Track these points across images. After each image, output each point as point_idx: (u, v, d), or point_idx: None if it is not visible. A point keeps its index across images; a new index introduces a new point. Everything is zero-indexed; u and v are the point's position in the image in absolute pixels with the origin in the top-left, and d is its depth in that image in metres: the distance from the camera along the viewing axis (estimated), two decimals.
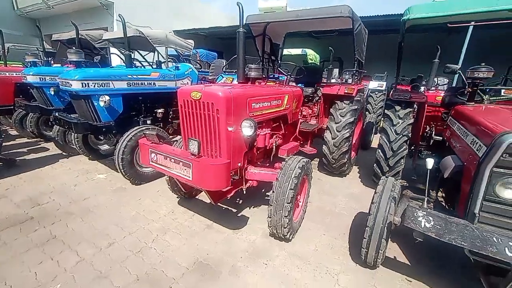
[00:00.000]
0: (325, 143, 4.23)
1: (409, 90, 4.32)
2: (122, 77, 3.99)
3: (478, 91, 2.77)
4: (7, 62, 6.05)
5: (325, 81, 5.36)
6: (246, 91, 2.66)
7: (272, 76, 5.52)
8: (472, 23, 4.50)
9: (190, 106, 2.51)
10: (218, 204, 3.49)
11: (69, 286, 2.11)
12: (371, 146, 6.52)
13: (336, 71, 7.60)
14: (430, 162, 1.90)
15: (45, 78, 5.07)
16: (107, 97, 3.70)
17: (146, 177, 3.99)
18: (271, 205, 2.51)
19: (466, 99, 2.84)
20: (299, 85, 4.92)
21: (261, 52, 4.97)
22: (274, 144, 3.20)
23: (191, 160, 2.15)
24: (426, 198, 1.80)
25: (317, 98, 4.72)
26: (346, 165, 4.37)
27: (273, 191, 2.52)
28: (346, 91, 4.09)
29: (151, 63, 6.88)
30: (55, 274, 2.23)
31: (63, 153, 5.17)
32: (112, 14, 11.11)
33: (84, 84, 3.57)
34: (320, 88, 4.61)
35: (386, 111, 3.83)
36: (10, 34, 12.73)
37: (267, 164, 3.32)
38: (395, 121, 3.63)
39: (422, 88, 6.65)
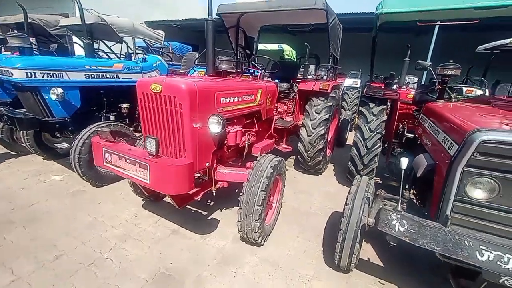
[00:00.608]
0: (301, 141, 4.13)
1: (383, 87, 4.34)
2: (78, 68, 3.57)
3: (447, 89, 2.79)
4: None
5: (301, 77, 5.28)
6: (214, 84, 2.44)
7: (247, 70, 5.33)
8: (438, 22, 4.64)
9: (150, 100, 2.24)
10: (187, 206, 3.24)
11: None
12: (347, 143, 6.58)
13: (312, 67, 7.57)
14: (404, 162, 1.83)
15: (34, 73, 4.36)
16: (59, 90, 3.27)
17: (108, 178, 3.62)
18: (241, 208, 2.33)
19: (436, 97, 2.85)
20: (275, 80, 4.78)
21: (234, 45, 4.75)
22: (246, 142, 3.02)
23: (148, 161, 1.90)
24: (400, 199, 1.72)
25: (293, 94, 4.61)
26: (322, 163, 4.31)
27: (243, 193, 2.33)
28: (321, 87, 4.00)
29: (118, 55, 6.36)
30: None
31: (11, 153, 4.58)
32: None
33: (29, 74, 3.12)
34: (296, 84, 4.50)
35: (360, 108, 3.80)
36: None
37: (239, 164, 3.13)
38: (369, 118, 3.60)
39: (395, 86, 6.83)
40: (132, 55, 5.65)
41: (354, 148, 3.72)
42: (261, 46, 9.47)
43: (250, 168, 2.51)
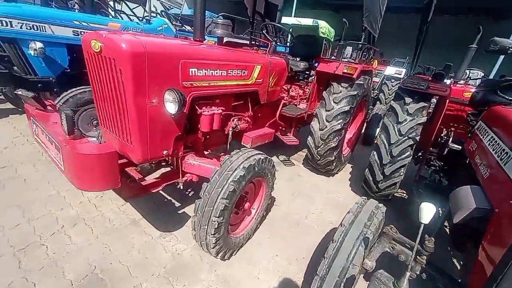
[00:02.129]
0: (311, 134, 3.40)
1: (430, 79, 3.32)
2: (64, 22, 3.19)
3: None
4: None
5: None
6: (180, 47, 1.83)
7: (267, 45, 4.57)
8: None
9: (92, 61, 1.73)
10: (160, 192, 2.83)
11: None
12: (376, 142, 5.60)
13: (349, 49, 6.47)
14: (427, 211, 1.03)
15: (10, 23, 4.07)
16: (38, 44, 2.94)
17: None
18: (195, 215, 1.80)
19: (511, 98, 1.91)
20: (296, 58, 3.98)
21: (250, 11, 3.98)
22: (231, 129, 2.42)
23: (61, 142, 1.42)
24: (408, 274, 1.02)
25: (312, 76, 3.80)
26: (334, 164, 3.56)
27: (200, 197, 1.79)
28: (345, 71, 3.15)
29: (141, 18, 5.98)
30: None
31: (18, 109, 4.56)
32: None
33: (4, 23, 2.80)
34: (316, 64, 3.67)
35: (392, 102, 2.91)
36: None
37: (222, 154, 2.56)
38: (401, 117, 2.73)
39: (449, 81, 5.51)
40: (145, 18, 5.20)
41: (375, 152, 2.91)
42: (293, 21, 8.45)
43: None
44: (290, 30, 3.67)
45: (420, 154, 3.10)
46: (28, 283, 1.71)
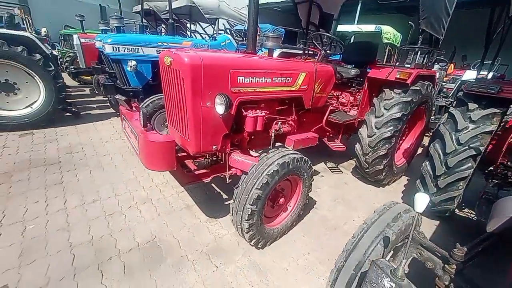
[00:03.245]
0: (359, 141, 3.34)
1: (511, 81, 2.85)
2: (152, 44, 4.04)
3: None
4: (86, 31, 6.97)
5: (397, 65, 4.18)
6: (229, 60, 2.18)
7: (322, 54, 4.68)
8: None
9: (164, 73, 2.24)
10: (212, 185, 3.25)
11: (38, 231, 2.29)
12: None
13: (418, 53, 5.94)
14: (421, 201, 0.97)
15: (118, 48, 5.34)
16: (133, 62, 3.81)
17: None
18: (233, 202, 2.08)
19: None
20: (350, 66, 4.00)
21: (304, 22, 4.20)
22: (273, 131, 2.66)
23: (139, 132, 1.91)
24: (404, 262, 1.02)
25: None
26: (384, 174, 3.38)
27: (238, 186, 2.07)
28: (398, 77, 3.02)
29: (210, 36, 6.91)
30: (37, 214, 2.47)
31: (117, 113, 5.85)
32: None
33: (115, 48, 3.76)
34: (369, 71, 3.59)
35: (451, 109, 2.64)
36: (124, 11, 15.16)
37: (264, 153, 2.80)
38: (461, 124, 2.45)
39: None
40: (213, 35, 5.99)
41: (427, 163, 2.68)
42: (354, 28, 8.21)
43: None
44: (334, 37, 3.70)
45: (491, 168, 2.69)
46: (112, 238, 2.28)
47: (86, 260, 2.05)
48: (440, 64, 7.19)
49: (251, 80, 2.30)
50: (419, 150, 4.48)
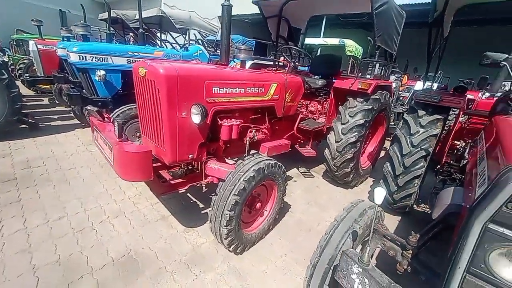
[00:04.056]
0: (328, 146, 3.58)
1: (451, 92, 3.31)
2: (122, 53, 3.96)
3: None
4: (44, 37, 6.52)
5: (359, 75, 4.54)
6: (205, 71, 2.26)
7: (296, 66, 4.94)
8: None
9: (139, 84, 2.24)
10: (187, 195, 3.23)
11: None
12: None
13: (376, 66, 6.53)
14: (379, 194, 1.17)
15: (85, 57, 4.26)
16: (102, 72, 3.70)
17: None
18: (211, 209, 2.12)
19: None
20: (317, 76, 4.29)
21: (274, 36, 4.44)
22: (247, 139, 2.76)
23: (113, 143, 1.89)
24: (368, 249, 1.17)
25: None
26: (351, 176, 3.64)
27: (215, 193, 2.12)
28: (360, 87, 3.33)
29: (182, 46, 6.89)
30: None
31: (82, 124, 5.53)
32: None
33: (81, 57, 3.62)
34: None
35: (405, 115, 2.98)
36: (88, 18, 14.45)
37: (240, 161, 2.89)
38: (414, 129, 2.79)
39: (487, 94, 5.22)
40: (184, 45, 6.01)
41: (388, 164, 2.98)
42: (320, 41, 8.79)
43: None
44: (306, 51, 4.00)
45: (439, 167, 3.06)
46: (83, 256, 2.16)
47: (53, 281, 1.92)
48: (396, 75, 7.97)
49: (226, 91, 2.39)
50: (382, 153, 4.89)
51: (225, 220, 2.01)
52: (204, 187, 2.59)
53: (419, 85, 6.86)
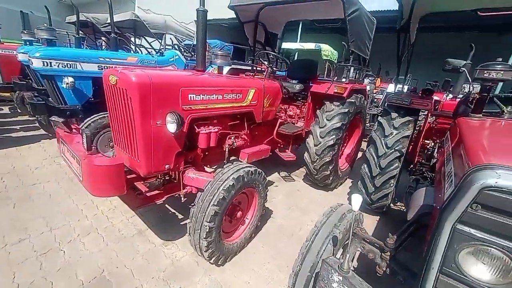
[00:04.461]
0: (307, 150, 3.62)
1: (420, 94, 3.49)
2: (92, 59, 3.75)
3: (495, 99, 1.99)
4: (3, 40, 6.06)
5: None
6: (180, 78, 2.19)
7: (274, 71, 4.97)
8: None
9: (109, 92, 2.12)
10: (166, 206, 3.10)
11: None
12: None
13: (352, 69, 6.78)
14: (356, 201, 1.21)
15: (50, 63, 3.77)
16: (70, 79, 3.47)
17: None
18: (190, 221, 2.04)
19: (471, 109, 2.06)
20: (294, 81, 4.35)
21: (251, 41, 4.44)
22: (226, 146, 2.70)
23: (82, 156, 1.75)
24: (348, 256, 1.18)
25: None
26: (331, 178, 3.70)
27: (194, 204, 2.04)
28: (336, 91, 3.41)
29: (158, 51, 6.70)
30: None
31: (49, 134, 5.15)
32: (134, 1, 11.25)
33: (46, 63, 3.37)
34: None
35: (380, 118, 3.10)
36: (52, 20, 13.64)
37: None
38: (388, 131, 2.89)
39: (450, 96, 5.59)
40: (160, 50, 5.85)
41: (365, 165, 3.06)
42: (298, 46, 8.98)
43: None
44: (283, 56, 4.06)
45: (412, 166, 3.20)
46: (47, 282, 1.97)
47: None
48: (369, 78, 8.32)
49: (202, 98, 2.33)
50: (359, 154, 5.05)
51: (204, 232, 1.93)
52: (182, 198, 2.50)
53: (391, 88, 7.21)
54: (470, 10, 3.07)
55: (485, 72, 1.72)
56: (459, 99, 4.62)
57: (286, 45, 9.06)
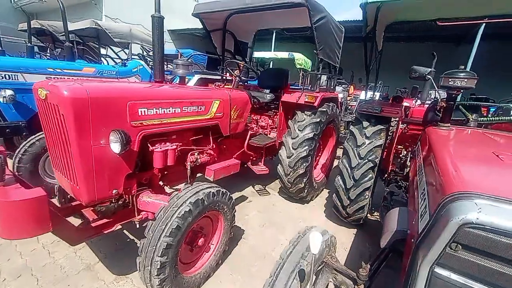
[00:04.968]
0: (280, 162, 3.44)
1: (390, 101, 3.48)
2: (38, 70, 3.35)
3: (461, 107, 1.94)
4: None
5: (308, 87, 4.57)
6: (127, 90, 1.93)
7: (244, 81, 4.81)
8: (484, 21, 3.72)
9: (41, 108, 1.81)
10: (124, 232, 2.75)
11: None
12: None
13: (324, 78, 6.83)
14: (315, 241, 1.00)
15: None
16: (8, 92, 3.05)
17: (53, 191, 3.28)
18: (139, 256, 1.74)
19: (440, 117, 2.00)
20: (266, 90, 4.21)
21: (219, 50, 4.27)
22: (189, 164, 2.45)
23: None
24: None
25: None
26: (306, 191, 3.55)
27: (145, 235, 1.76)
28: (306, 100, 3.30)
29: (124, 60, 6.31)
30: None
31: None
32: (101, 9, 10.75)
33: None
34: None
35: (351, 127, 3.01)
36: (5, 27, 12.68)
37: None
38: (360, 141, 2.80)
39: (418, 102, 5.76)
40: (127, 60, 5.51)
41: (339, 177, 2.93)
42: (271, 54, 8.98)
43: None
44: (257, 65, 3.93)
45: (386, 176, 3.12)
46: None
47: None
48: (342, 86, 8.46)
49: (156, 111, 2.08)
50: (336, 162, 4.98)
51: (155, 269, 1.65)
52: (137, 225, 2.21)
53: (363, 95, 7.34)
54: (430, 20, 3.14)
55: (450, 79, 1.65)
56: (427, 106, 4.74)
57: (260, 54, 9.04)
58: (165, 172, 2.42)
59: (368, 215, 3.33)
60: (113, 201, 2.10)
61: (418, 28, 9.63)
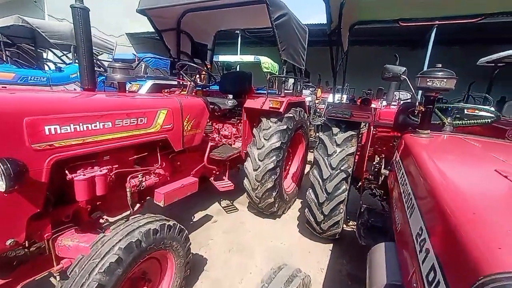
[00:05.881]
0: (246, 176, 3.08)
1: (358, 105, 3.31)
2: None
3: (436, 110, 1.76)
4: None
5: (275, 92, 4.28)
6: (25, 101, 1.43)
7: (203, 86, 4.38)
8: (437, 22, 3.78)
9: None
10: (50, 279, 2.16)
11: None
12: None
13: (291, 81, 6.67)
14: None
15: None
16: None
17: None
18: None
19: (418, 122, 1.81)
20: (230, 96, 3.85)
21: (173, 52, 3.81)
22: (129, 189, 1.98)
23: None
24: None
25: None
26: (277, 205, 3.23)
27: None
28: (271, 105, 2.99)
29: (67, 65, 5.51)
30: None
31: None
32: (43, 8, 9.56)
33: None
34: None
35: (320, 134, 2.75)
36: None
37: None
38: (331, 149, 2.54)
39: (384, 103, 5.82)
40: (68, 65, 4.81)
41: (311, 190, 2.65)
42: (237, 58, 8.67)
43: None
44: (200, 67, 3.57)
45: (359, 184, 2.92)
46: None
47: None
48: (310, 89, 8.42)
49: (75, 128, 1.59)
50: (307, 168, 4.75)
51: None
52: (58, 277, 1.68)
53: (331, 98, 7.33)
54: (393, 20, 3.07)
55: (428, 80, 1.43)
56: (394, 107, 4.73)
57: (225, 58, 8.67)
58: (98, 203, 1.92)
59: (344, 225, 3.10)
60: (14, 252, 1.56)
61: (378, 32, 10.05)
